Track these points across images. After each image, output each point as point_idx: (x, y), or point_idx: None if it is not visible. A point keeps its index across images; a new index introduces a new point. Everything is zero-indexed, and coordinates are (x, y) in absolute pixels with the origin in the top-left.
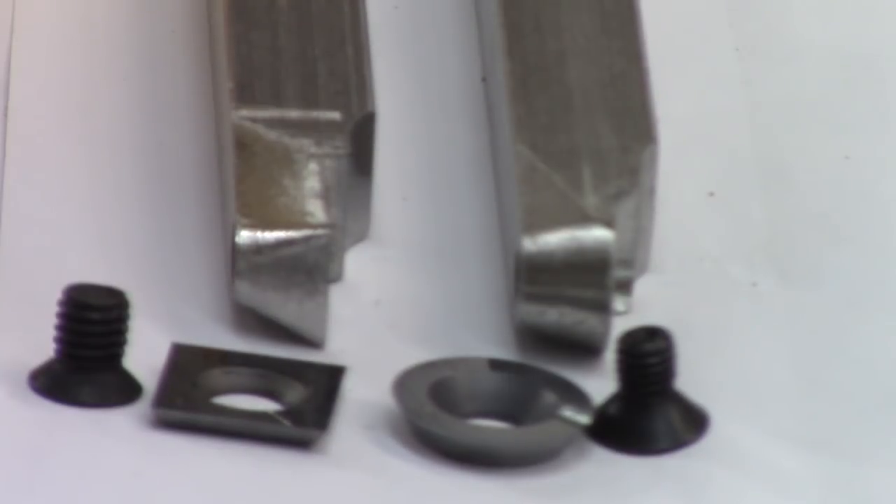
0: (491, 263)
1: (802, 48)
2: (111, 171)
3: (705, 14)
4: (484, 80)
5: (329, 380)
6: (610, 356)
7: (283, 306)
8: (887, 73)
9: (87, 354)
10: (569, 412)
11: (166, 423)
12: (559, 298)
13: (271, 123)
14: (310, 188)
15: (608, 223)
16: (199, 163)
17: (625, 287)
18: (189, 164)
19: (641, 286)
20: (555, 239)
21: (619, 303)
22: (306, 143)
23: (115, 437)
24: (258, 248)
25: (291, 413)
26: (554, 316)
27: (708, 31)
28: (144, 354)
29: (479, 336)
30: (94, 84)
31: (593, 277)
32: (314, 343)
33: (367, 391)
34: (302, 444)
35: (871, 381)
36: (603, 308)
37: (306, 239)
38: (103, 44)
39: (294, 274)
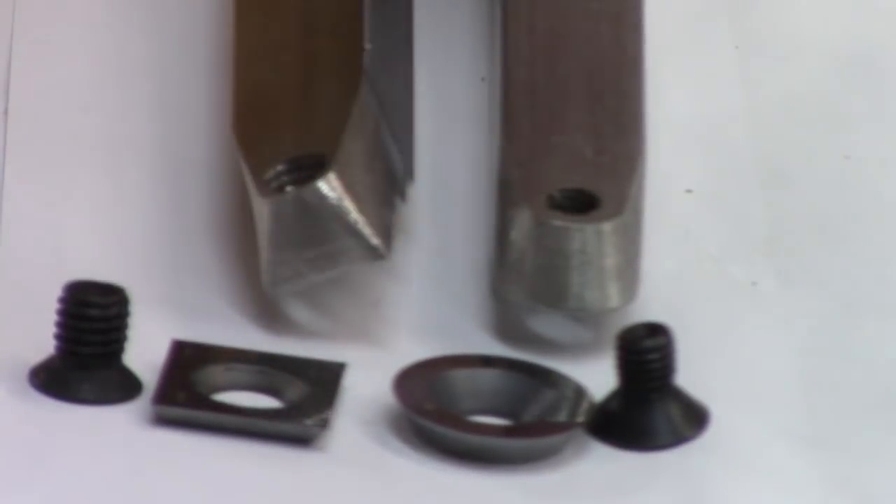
0: (490, 262)
1: (802, 46)
2: (111, 170)
3: (705, 12)
4: (483, 79)
5: (329, 377)
6: (610, 352)
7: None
8: (887, 72)
9: (87, 351)
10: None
11: (166, 421)
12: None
13: None
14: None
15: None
16: (200, 161)
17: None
18: (189, 163)
19: (643, 286)
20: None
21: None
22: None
23: (114, 434)
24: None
25: (292, 410)
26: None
27: (707, 30)
28: (144, 351)
29: (479, 334)
30: (94, 84)
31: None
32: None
33: (367, 388)
34: (302, 441)
35: (871, 379)
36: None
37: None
38: (103, 44)
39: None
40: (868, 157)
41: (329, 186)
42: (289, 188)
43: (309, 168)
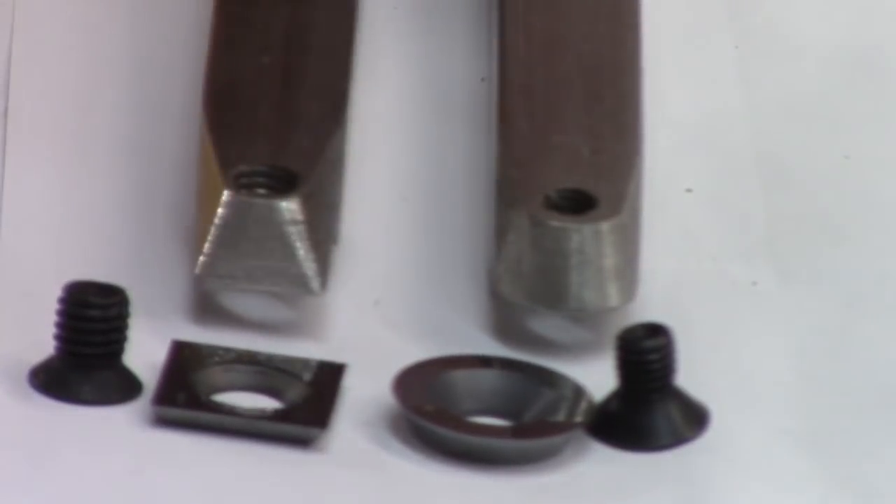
0: (489, 262)
1: (802, 47)
2: (111, 170)
3: (705, 12)
4: (483, 79)
5: (329, 378)
6: (610, 353)
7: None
8: (887, 72)
9: (86, 352)
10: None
11: (166, 421)
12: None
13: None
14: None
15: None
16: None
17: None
18: (189, 164)
19: (643, 286)
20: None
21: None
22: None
23: (115, 434)
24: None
25: (291, 411)
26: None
27: (707, 30)
28: (144, 352)
29: (479, 334)
30: (94, 84)
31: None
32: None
33: (366, 389)
34: (302, 442)
35: (871, 379)
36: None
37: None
38: (103, 44)
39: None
40: (868, 157)
41: (293, 209)
42: (259, 192)
43: (277, 179)
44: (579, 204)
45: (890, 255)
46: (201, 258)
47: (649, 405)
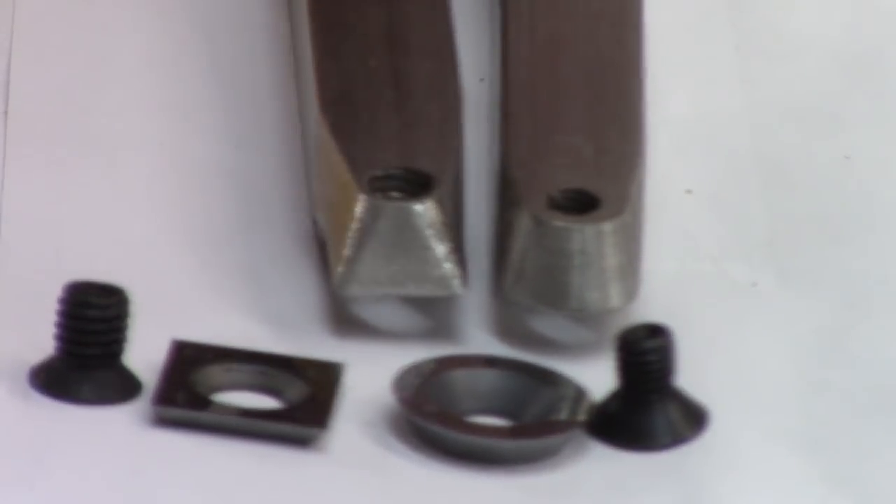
0: (491, 262)
1: (802, 47)
2: (111, 169)
3: (705, 13)
4: (482, 80)
5: (329, 377)
6: (611, 353)
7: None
8: (887, 72)
9: (86, 352)
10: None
11: (166, 421)
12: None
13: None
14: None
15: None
16: (200, 160)
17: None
18: (190, 162)
19: (643, 287)
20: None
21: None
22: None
23: (114, 434)
24: None
25: (291, 410)
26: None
27: (708, 30)
28: (145, 351)
29: (479, 334)
30: (94, 84)
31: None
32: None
33: (367, 388)
34: (302, 441)
35: (871, 380)
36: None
37: None
38: (103, 44)
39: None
40: (868, 157)
41: (432, 210)
42: (394, 196)
43: (411, 182)
44: (582, 204)
45: (890, 255)
46: (341, 264)
47: (649, 405)
